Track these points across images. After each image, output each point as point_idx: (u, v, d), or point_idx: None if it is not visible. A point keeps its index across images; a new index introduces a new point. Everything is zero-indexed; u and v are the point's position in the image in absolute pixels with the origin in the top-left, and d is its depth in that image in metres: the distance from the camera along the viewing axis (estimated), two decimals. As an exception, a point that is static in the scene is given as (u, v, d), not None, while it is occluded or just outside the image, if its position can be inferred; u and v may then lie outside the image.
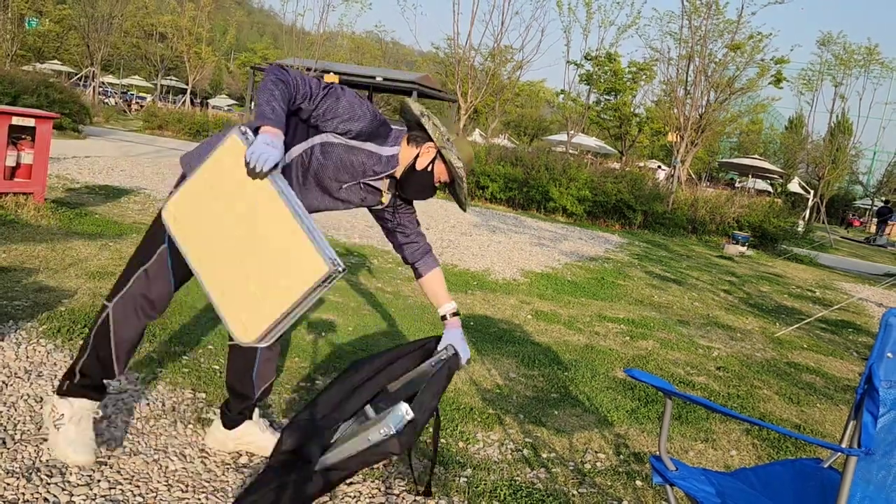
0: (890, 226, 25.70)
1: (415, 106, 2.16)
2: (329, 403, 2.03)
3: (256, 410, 2.44)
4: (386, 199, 2.25)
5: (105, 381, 2.20)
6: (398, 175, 2.18)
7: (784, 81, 18.63)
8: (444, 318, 2.36)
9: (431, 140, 2.13)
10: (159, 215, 2.05)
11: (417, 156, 2.15)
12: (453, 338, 2.25)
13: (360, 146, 2.12)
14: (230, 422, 2.39)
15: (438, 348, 2.22)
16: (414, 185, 2.18)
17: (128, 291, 2.10)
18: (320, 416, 1.98)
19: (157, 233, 2.11)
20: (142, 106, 30.12)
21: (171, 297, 2.15)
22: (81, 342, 2.42)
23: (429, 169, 2.16)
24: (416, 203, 2.36)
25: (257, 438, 2.41)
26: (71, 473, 2.12)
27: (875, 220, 28.56)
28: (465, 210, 2.31)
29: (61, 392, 2.18)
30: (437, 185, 2.22)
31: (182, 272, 2.09)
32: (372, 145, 2.13)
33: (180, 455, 2.36)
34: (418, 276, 2.45)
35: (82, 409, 2.16)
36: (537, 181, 14.12)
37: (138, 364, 3.05)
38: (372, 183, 2.18)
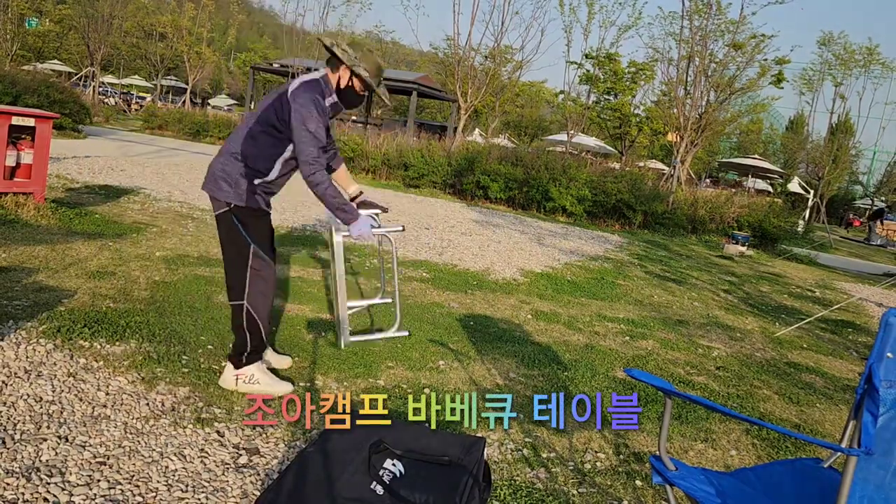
0: (885, 226, 25.70)
1: (326, 39, 2.92)
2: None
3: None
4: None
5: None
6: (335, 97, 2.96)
7: (784, 81, 18.63)
8: (353, 198, 3.36)
9: (344, 63, 2.87)
10: (231, 220, 2.83)
11: (339, 79, 2.92)
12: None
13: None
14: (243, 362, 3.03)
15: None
16: (344, 99, 2.94)
17: (250, 286, 2.87)
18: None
19: (237, 238, 2.85)
20: (141, 106, 30.12)
21: (275, 271, 2.99)
22: (235, 336, 2.98)
23: (349, 85, 2.92)
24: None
25: (268, 353, 3.18)
26: (70, 473, 2.12)
27: (867, 221, 28.62)
28: (387, 104, 3.49)
29: (241, 365, 2.93)
30: (360, 94, 2.96)
31: (271, 253, 2.94)
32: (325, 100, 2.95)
33: (180, 455, 2.36)
34: (331, 171, 3.28)
35: (259, 367, 2.98)
36: (537, 181, 14.11)
37: (138, 364, 3.05)
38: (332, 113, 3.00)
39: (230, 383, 2.95)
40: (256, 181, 2.88)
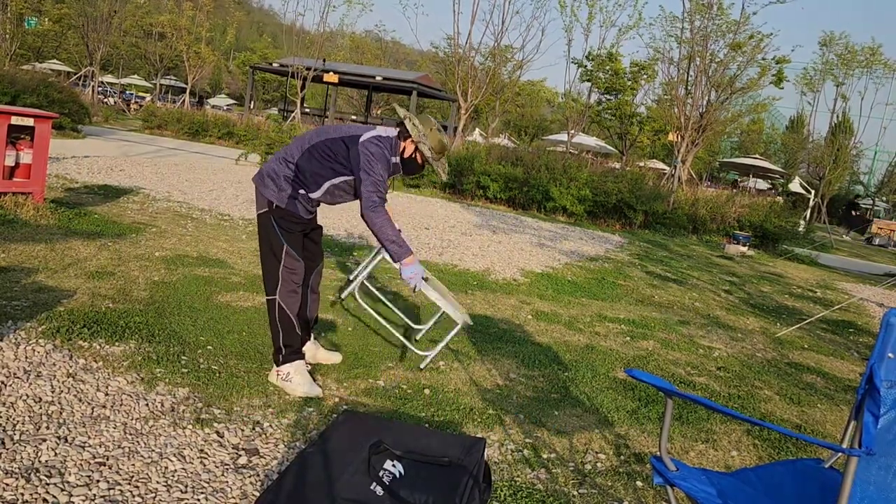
0: (885, 225, 25.69)
1: (400, 110, 3.20)
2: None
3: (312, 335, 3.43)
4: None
5: (302, 343, 3.19)
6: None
7: (785, 80, 18.61)
8: None
9: (411, 136, 3.11)
10: (269, 221, 2.99)
11: (404, 148, 3.16)
12: None
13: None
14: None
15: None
16: (405, 165, 3.18)
17: (282, 284, 3.03)
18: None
19: (273, 237, 3.01)
20: (141, 105, 30.10)
21: (304, 270, 3.14)
22: (271, 332, 3.12)
23: (413, 156, 3.17)
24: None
25: (318, 352, 3.42)
26: (70, 474, 2.11)
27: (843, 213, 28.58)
28: (444, 180, 3.35)
29: (279, 362, 3.07)
30: (420, 165, 3.21)
31: (302, 253, 3.10)
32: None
33: (179, 455, 2.35)
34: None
35: (297, 366, 3.08)
36: (537, 181, 14.10)
37: (137, 364, 3.05)
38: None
39: (272, 377, 3.12)
40: (300, 191, 3.05)
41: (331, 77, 23.76)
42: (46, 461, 2.16)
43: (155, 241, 5.61)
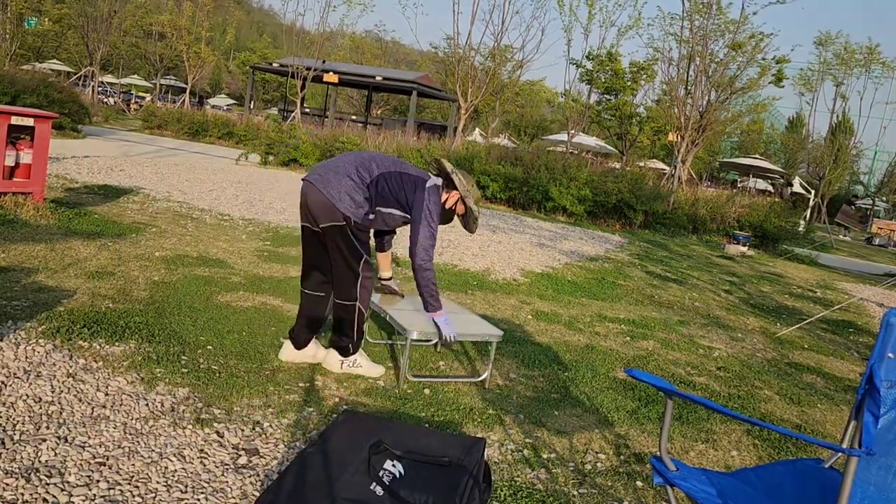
0: (885, 225, 25.70)
1: (447, 165, 3.38)
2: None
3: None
4: None
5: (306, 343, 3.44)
6: None
7: (785, 79, 18.61)
8: (380, 279, 3.87)
9: (457, 189, 3.37)
10: (347, 233, 3.17)
11: (447, 199, 3.39)
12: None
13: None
14: (303, 343, 3.43)
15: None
16: (446, 216, 3.41)
17: (362, 290, 3.28)
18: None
19: (351, 250, 3.20)
20: (141, 105, 30.10)
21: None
22: (339, 328, 3.33)
23: (454, 207, 3.43)
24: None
25: (318, 352, 3.48)
26: (70, 474, 2.11)
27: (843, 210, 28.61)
28: (472, 233, 3.55)
29: (347, 354, 3.35)
30: (457, 216, 3.49)
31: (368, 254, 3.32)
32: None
33: (179, 456, 2.35)
34: (381, 249, 3.77)
35: (361, 353, 3.41)
36: (537, 181, 14.10)
37: (137, 364, 3.05)
38: None
39: (335, 367, 3.36)
40: (370, 210, 3.27)
41: (331, 77, 23.76)
42: (46, 461, 2.16)
43: (155, 241, 5.61)
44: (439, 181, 3.38)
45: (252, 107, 31.54)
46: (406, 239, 3.54)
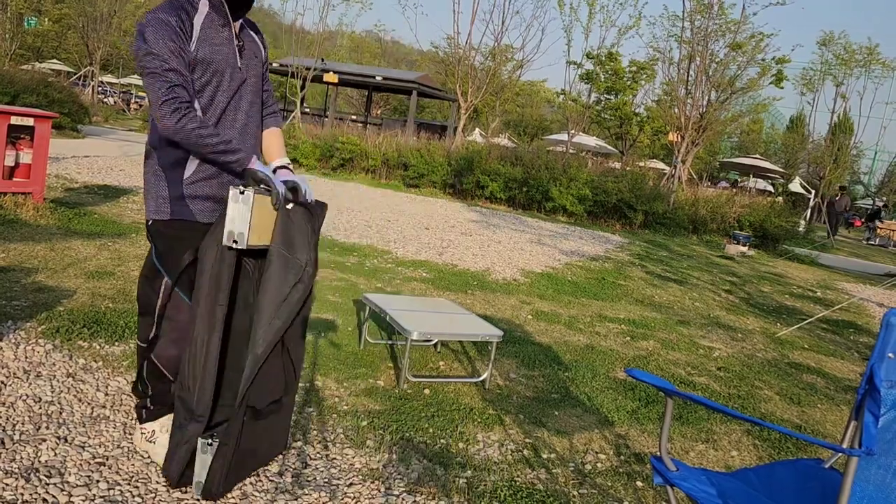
0: (885, 225, 25.70)
1: None
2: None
3: None
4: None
5: None
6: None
7: (785, 80, 18.60)
8: (274, 170, 2.36)
9: None
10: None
11: None
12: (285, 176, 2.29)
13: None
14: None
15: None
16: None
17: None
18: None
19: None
20: (141, 105, 30.08)
21: None
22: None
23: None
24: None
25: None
26: (70, 474, 2.11)
27: (866, 223, 28.68)
28: None
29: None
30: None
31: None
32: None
33: (179, 455, 2.35)
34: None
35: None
36: (537, 181, 14.09)
37: (137, 365, 3.05)
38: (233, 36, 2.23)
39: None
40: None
41: (331, 77, 23.75)
42: (46, 461, 2.16)
43: (155, 241, 5.61)
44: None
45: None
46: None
